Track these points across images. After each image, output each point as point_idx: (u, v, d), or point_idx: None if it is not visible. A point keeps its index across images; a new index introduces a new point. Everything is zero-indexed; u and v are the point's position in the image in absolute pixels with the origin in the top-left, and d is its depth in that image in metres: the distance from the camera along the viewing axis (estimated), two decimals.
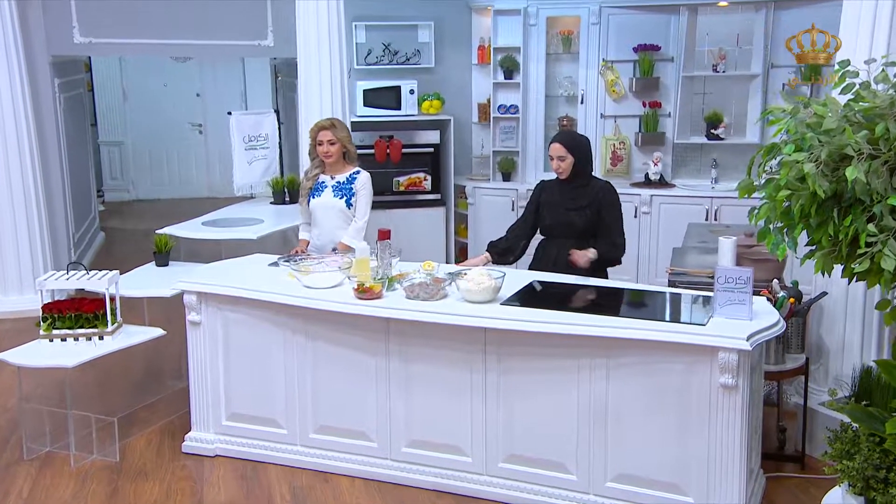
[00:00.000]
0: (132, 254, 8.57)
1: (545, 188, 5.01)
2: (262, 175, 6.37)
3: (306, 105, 6.33)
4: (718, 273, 3.82)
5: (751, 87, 7.42)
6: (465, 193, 7.89)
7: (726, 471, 3.71)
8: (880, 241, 2.71)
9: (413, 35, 7.89)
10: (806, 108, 2.99)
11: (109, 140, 12.62)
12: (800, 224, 2.98)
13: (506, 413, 4.07)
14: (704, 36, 7.43)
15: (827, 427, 3.73)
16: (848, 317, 4.75)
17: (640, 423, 3.83)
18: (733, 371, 3.60)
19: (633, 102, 7.60)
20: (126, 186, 12.86)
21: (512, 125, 7.79)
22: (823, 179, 2.82)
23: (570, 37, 7.60)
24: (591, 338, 3.81)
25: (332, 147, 5.04)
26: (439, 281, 4.20)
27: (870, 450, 3.19)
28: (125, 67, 12.43)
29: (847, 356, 4.77)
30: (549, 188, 4.98)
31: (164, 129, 12.69)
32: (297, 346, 4.40)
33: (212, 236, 5.50)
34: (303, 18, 6.31)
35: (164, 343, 4.95)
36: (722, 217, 7.14)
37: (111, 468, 4.51)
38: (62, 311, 4.59)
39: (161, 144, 12.78)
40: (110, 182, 12.76)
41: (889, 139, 2.77)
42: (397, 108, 7.58)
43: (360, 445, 4.38)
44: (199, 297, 4.51)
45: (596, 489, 3.97)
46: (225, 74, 12.78)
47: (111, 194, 12.71)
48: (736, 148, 7.53)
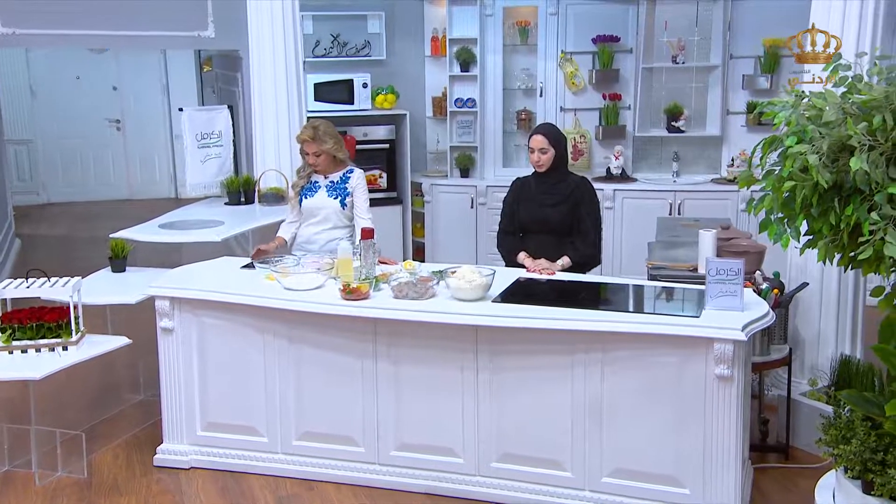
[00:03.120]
0: (54, 261, 8.52)
1: (523, 184, 5.22)
2: (216, 174, 6.47)
3: (260, 100, 6.45)
4: (709, 265, 4.12)
5: (710, 78, 7.83)
6: (422, 191, 8.10)
7: (723, 462, 4.00)
8: (881, 228, 3.03)
9: (363, 26, 8.07)
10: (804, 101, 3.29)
11: (16, 138, 12.31)
12: (801, 214, 3.29)
13: (498, 412, 4.29)
14: (663, 26, 7.81)
15: (821, 414, 4.06)
16: (823, 308, 5.14)
17: (635, 416, 4.10)
18: (728, 362, 3.89)
19: (592, 95, 7.94)
20: (35, 189, 12.63)
21: (469, 119, 8.04)
22: (825, 170, 3.13)
23: (527, 28, 7.89)
24: (586, 333, 4.07)
25: (318, 158, 5.15)
26: (426, 280, 4.40)
27: (865, 434, 3.51)
28: (33, 58, 12.20)
29: (823, 347, 5.16)
30: (526, 184, 5.21)
31: (78, 126, 12.48)
32: (278, 351, 4.55)
33: (173, 239, 5.58)
34: (254, 9, 6.42)
35: (117, 354, 4.98)
36: (685, 210, 7.52)
37: (80, 485, 4.58)
38: (22, 320, 4.63)
39: (74, 142, 12.58)
40: (18, 184, 12.41)
41: (886, 130, 3.09)
42: (350, 103, 7.75)
43: (345, 451, 4.55)
44: (172, 303, 4.61)
45: (592, 485, 4.22)
46: (145, 66, 12.65)
47: (19, 197, 12.35)
48: (696, 140, 7.93)
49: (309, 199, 5.23)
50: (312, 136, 5.10)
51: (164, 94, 12.78)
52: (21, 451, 4.79)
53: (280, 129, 6.45)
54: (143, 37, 7.59)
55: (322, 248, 5.20)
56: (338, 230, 5.25)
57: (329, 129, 5.12)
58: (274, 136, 6.46)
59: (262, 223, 6.03)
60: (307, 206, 5.24)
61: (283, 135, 6.45)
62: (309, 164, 5.18)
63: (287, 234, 5.35)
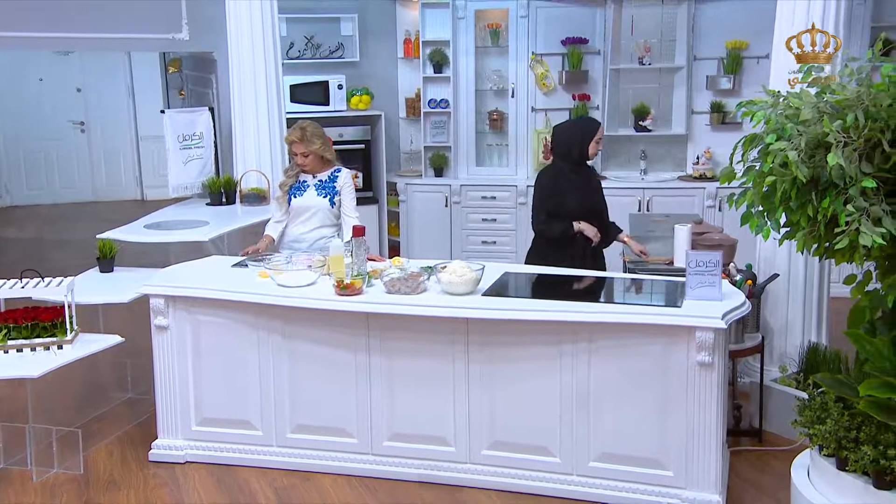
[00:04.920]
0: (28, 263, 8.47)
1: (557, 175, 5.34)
2: (198, 175, 6.55)
3: (240, 101, 6.54)
4: (689, 258, 4.32)
5: (675, 78, 8.07)
6: (397, 190, 8.24)
7: (704, 444, 4.21)
8: (856, 219, 3.24)
9: (336, 28, 8.19)
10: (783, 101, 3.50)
11: None
12: (780, 207, 3.50)
13: (489, 401, 4.46)
14: (630, 29, 8.04)
15: (796, 398, 4.29)
16: (791, 298, 5.38)
17: (620, 403, 4.29)
18: (710, 349, 4.10)
19: (562, 95, 8.14)
20: None
21: (443, 120, 8.20)
22: (803, 165, 3.35)
23: (498, 30, 8.07)
24: (573, 323, 4.25)
25: (306, 158, 5.28)
26: (416, 275, 4.56)
27: (839, 414, 3.74)
28: None
29: (791, 335, 5.41)
30: (561, 174, 5.33)
31: (42, 128, 12.37)
32: (272, 346, 4.67)
33: (162, 239, 5.66)
34: (233, 12, 6.52)
35: (103, 354, 5.04)
36: (654, 207, 7.76)
37: (77, 480, 4.66)
38: (18, 320, 4.70)
39: (38, 144, 12.47)
40: None
41: (858, 128, 3.31)
42: (325, 104, 7.87)
43: (339, 442, 4.69)
44: (166, 301, 4.71)
45: (579, 470, 4.41)
46: (109, 67, 12.61)
47: None
48: (663, 139, 8.18)
49: (298, 199, 5.35)
50: (300, 138, 5.22)
51: (128, 96, 12.74)
52: (15, 449, 4.85)
53: (260, 129, 6.56)
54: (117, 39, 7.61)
55: (311, 246, 5.32)
56: (325, 228, 5.38)
57: (316, 131, 5.25)
58: (254, 137, 6.56)
59: (245, 223, 6.12)
60: (296, 205, 5.35)
61: (263, 136, 6.57)
62: (297, 164, 5.30)
63: (275, 232, 5.46)
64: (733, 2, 7.77)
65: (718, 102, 8.02)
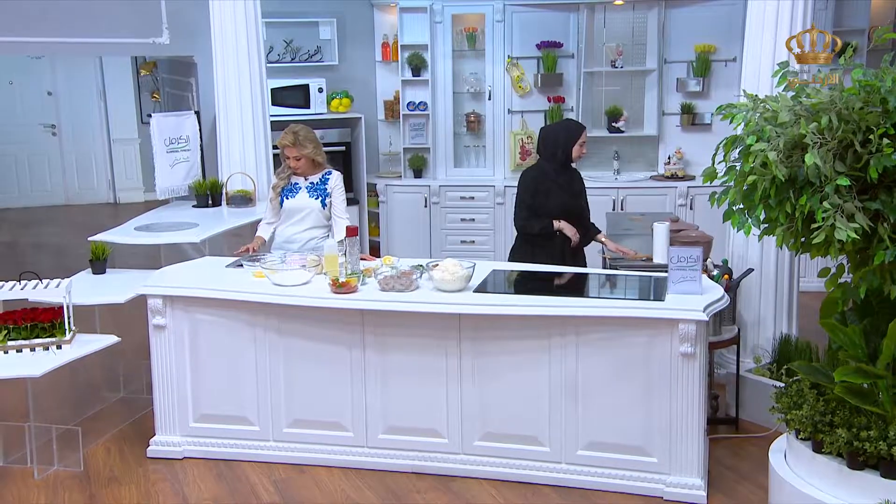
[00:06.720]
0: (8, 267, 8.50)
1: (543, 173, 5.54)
2: (185, 178, 6.66)
3: (225, 104, 6.66)
4: (671, 253, 4.53)
5: (647, 81, 8.31)
6: (377, 191, 8.40)
7: (687, 432, 4.42)
8: (831, 216, 3.47)
9: (314, 32, 8.33)
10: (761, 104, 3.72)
11: None
12: (760, 205, 3.72)
13: (480, 394, 4.63)
14: (602, 33, 8.27)
15: (774, 386, 4.51)
16: (763, 293, 5.62)
17: (607, 393, 4.49)
18: (692, 340, 4.31)
19: (538, 98, 8.35)
20: None
21: (421, 122, 8.38)
22: (782, 165, 3.56)
23: (474, 34, 8.26)
24: (561, 318, 4.44)
25: (298, 162, 5.41)
26: (409, 273, 4.72)
27: (815, 399, 3.96)
28: None
29: (763, 328, 5.65)
30: (543, 175, 5.52)
31: (12, 132, 12.34)
32: (268, 344, 4.80)
33: (154, 241, 5.75)
34: (217, 16, 6.63)
35: (95, 354, 5.07)
36: (627, 206, 7.99)
37: (78, 477, 4.76)
38: (17, 321, 4.79)
39: (9, 148, 12.43)
40: None
41: (832, 129, 3.53)
42: (306, 107, 8.01)
43: (335, 436, 4.83)
44: (164, 301, 4.83)
45: (568, 458, 4.60)
46: (80, 71, 12.58)
47: None
48: (635, 140, 8.42)
49: (291, 200, 5.48)
50: (293, 142, 5.36)
51: (100, 99, 12.72)
52: (13, 448, 4.94)
53: (245, 132, 6.68)
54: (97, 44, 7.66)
55: (303, 246, 5.46)
56: (316, 229, 5.52)
57: (308, 135, 5.39)
58: (239, 140, 6.68)
59: (232, 225, 6.23)
60: (289, 206, 5.49)
61: (248, 138, 6.69)
62: (290, 167, 5.44)
63: (266, 233, 5.59)
64: (702, 7, 8.04)
65: (688, 104, 8.28)
